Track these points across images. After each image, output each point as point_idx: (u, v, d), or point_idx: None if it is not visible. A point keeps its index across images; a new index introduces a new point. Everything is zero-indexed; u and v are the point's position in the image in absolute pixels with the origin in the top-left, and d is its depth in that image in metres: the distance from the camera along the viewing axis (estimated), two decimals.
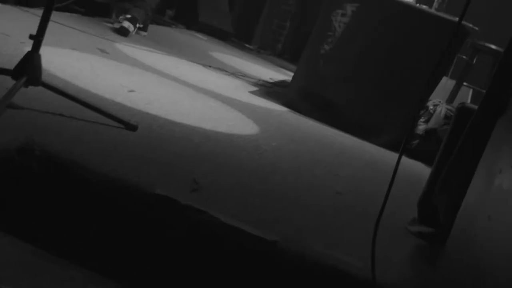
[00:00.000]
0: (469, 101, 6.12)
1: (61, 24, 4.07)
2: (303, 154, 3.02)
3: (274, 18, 7.88)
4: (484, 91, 5.51)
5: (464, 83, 5.64)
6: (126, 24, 4.72)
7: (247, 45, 7.77)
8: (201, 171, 2.13)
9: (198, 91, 3.53)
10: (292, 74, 6.17)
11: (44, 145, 1.78)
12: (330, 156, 3.24)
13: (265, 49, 7.77)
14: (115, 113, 2.23)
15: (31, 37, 1.96)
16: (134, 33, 4.77)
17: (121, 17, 5.11)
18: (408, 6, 4.04)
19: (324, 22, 4.05)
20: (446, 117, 4.19)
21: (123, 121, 2.20)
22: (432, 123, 4.19)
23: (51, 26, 3.89)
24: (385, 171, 3.44)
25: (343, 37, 4.04)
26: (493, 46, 5.44)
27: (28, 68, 1.92)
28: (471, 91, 6.09)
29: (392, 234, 2.30)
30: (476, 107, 2.33)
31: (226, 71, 4.72)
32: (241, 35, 7.74)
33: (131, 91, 2.87)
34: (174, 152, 2.25)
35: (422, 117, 4.30)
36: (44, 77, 2.55)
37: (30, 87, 2.05)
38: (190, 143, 2.43)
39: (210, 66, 4.65)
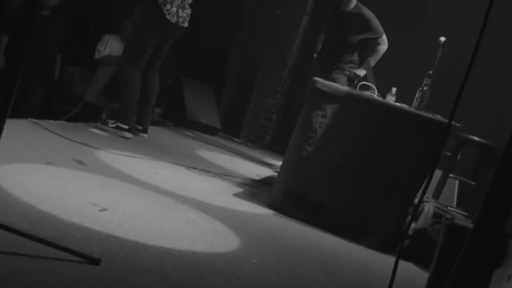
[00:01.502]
0: (456, 192, 5.89)
1: (47, 130, 3.91)
2: (285, 270, 2.74)
3: (261, 112, 7.77)
4: (471, 182, 5.24)
5: (450, 175, 5.43)
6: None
7: (235, 139, 7.63)
8: None
9: (178, 201, 3.29)
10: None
11: None
12: (314, 268, 2.96)
13: (253, 142, 7.62)
14: (75, 246, 1.98)
15: None
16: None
17: (110, 122, 4.95)
18: (388, 106, 3.89)
19: (305, 124, 3.87)
20: (435, 215, 3.95)
21: (84, 255, 1.95)
22: (420, 222, 3.94)
23: (31, 136, 3.73)
24: (375, 281, 3.17)
25: (324, 138, 3.85)
26: (475, 138, 5.29)
27: None
28: (457, 182, 5.86)
29: None
30: (467, 225, 2.09)
31: (211, 172, 4.51)
32: (228, 129, 7.61)
33: (103, 210, 2.63)
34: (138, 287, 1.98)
35: (410, 215, 4.06)
36: (7, 203, 2.34)
37: None
38: (159, 270, 2.17)
39: (194, 168, 4.44)
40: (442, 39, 4.41)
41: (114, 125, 4.94)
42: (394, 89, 4.40)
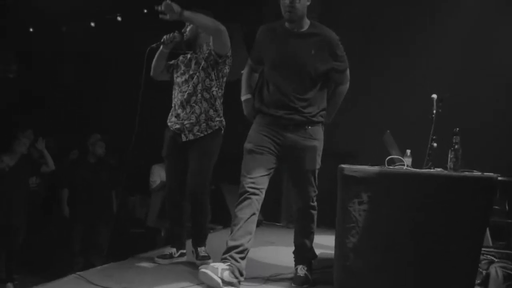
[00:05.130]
0: (488, 233, 4.61)
1: (88, 283, 2.89)
2: None
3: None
4: (508, 220, 3.78)
5: None
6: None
7: (277, 224, 6.61)
8: None
9: None
10: (321, 242, 4.83)
11: None
12: None
13: (292, 223, 6.53)
14: None
15: None
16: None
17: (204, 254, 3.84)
18: (425, 175, 2.79)
19: (344, 215, 2.80)
20: (505, 277, 2.76)
21: None
22: None
23: None
24: None
25: (366, 225, 2.76)
26: (499, 177, 4.09)
27: None
28: None
29: None
30: None
31: (260, 278, 3.42)
32: (269, 217, 6.57)
33: None
34: None
35: (476, 280, 2.86)
36: None
37: None
38: None
39: (243, 277, 3.34)
40: (434, 96, 3.33)
41: (205, 253, 3.87)
42: (408, 151, 3.31)
